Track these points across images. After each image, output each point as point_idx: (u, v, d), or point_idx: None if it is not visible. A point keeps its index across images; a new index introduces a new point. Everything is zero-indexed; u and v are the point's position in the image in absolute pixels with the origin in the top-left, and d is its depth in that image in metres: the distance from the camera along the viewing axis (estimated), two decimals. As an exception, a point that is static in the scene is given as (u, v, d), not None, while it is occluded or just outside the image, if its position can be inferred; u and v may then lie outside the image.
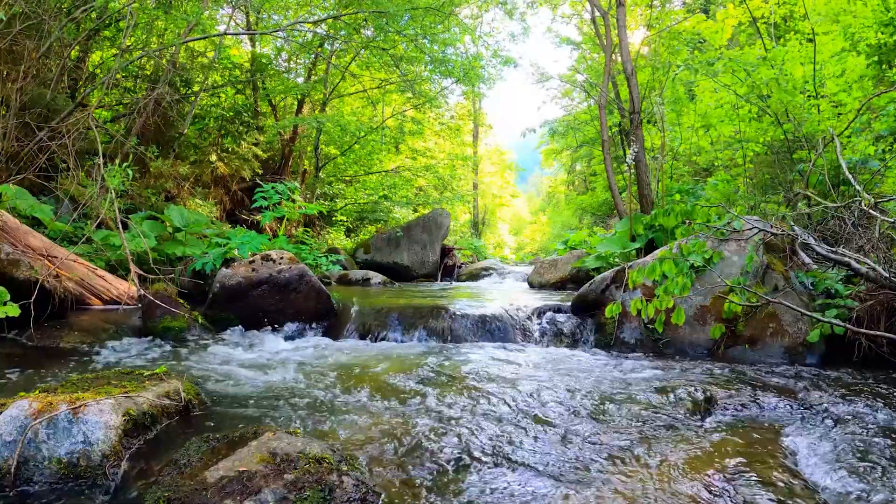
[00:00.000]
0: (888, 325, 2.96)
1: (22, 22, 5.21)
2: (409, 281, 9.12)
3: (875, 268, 2.96)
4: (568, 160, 23.73)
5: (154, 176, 7.20)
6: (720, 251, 3.54)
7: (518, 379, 2.61)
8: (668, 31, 10.56)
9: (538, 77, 15.29)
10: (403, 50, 9.64)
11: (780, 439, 1.87)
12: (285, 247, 5.42)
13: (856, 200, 3.36)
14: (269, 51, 10.85)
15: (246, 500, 1.30)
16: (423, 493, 1.46)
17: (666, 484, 1.51)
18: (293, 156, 11.05)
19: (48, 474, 1.50)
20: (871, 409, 2.14)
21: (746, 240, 3.57)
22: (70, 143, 4.94)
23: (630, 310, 3.31)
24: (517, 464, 1.65)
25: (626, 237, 5.89)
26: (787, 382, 2.59)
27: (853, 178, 3.58)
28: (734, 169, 7.76)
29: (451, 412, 2.11)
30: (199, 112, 9.21)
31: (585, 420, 2.03)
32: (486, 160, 27.10)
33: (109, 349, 3.18)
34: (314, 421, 1.99)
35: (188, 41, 7.40)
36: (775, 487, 1.50)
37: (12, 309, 2.84)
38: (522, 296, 5.81)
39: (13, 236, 3.59)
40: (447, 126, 15.65)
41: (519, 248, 31.66)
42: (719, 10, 11.47)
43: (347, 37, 9.45)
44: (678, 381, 2.56)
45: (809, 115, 5.88)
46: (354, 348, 3.54)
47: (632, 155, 6.29)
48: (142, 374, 2.10)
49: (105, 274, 4.18)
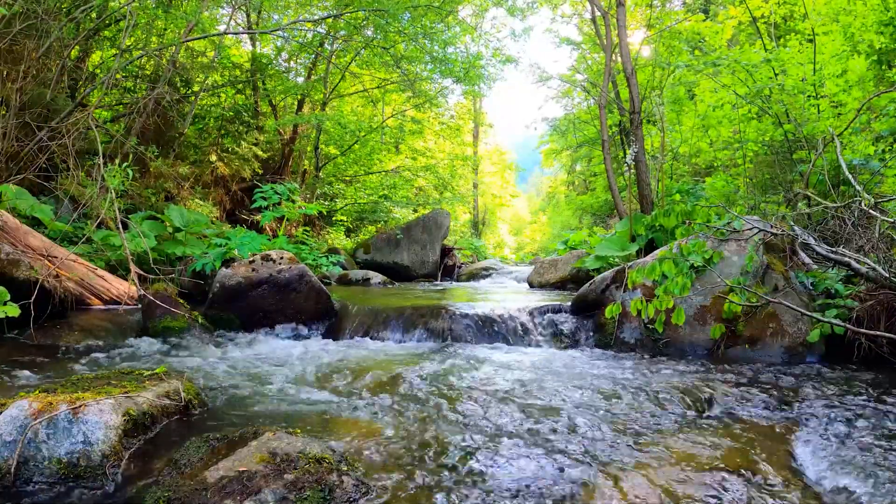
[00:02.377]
0: (888, 325, 2.96)
1: (22, 22, 5.21)
2: (409, 281, 9.12)
3: (875, 268, 2.96)
4: (568, 160, 23.74)
5: (154, 176, 7.20)
6: (720, 251, 3.54)
7: (518, 379, 2.61)
8: (668, 31, 10.56)
9: (538, 77, 15.32)
10: (403, 49, 9.64)
11: (779, 439, 1.87)
12: (285, 247, 5.42)
13: (856, 200, 3.36)
14: (269, 50, 10.86)
15: (246, 500, 1.30)
16: (423, 492, 1.46)
17: (665, 483, 1.51)
18: (293, 156, 11.05)
19: (48, 474, 1.50)
20: (872, 409, 2.14)
21: (746, 240, 3.57)
22: (70, 143, 4.94)
23: (630, 310, 3.32)
24: (517, 463, 1.65)
25: (626, 237, 5.89)
26: (787, 382, 2.59)
27: (853, 178, 3.58)
28: (734, 169, 7.76)
29: (450, 412, 2.11)
30: (199, 112, 9.21)
31: (585, 420, 2.03)
32: (486, 160, 27.10)
33: (109, 349, 3.18)
34: (314, 421, 1.99)
35: (188, 41, 7.41)
36: (775, 487, 1.50)
37: (12, 309, 2.84)
38: (522, 296, 5.81)
39: (13, 236, 3.59)
40: (447, 126, 15.65)
41: (519, 248, 31.67)
42: (719, 10, 11.48)
43: (347, 36, 9.45)
44: (678, 380, 2.56)
45: (809, 115, 5.88)
46: (354, 348, 3.54)
47: (632, 155, 6.29)
48: (142, 374, 2.10)
49: (105, 274, 4.18)
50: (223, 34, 8.51)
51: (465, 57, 10.38)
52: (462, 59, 10.01)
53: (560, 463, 1.66)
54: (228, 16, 9.95)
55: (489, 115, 30.68)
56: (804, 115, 5.90)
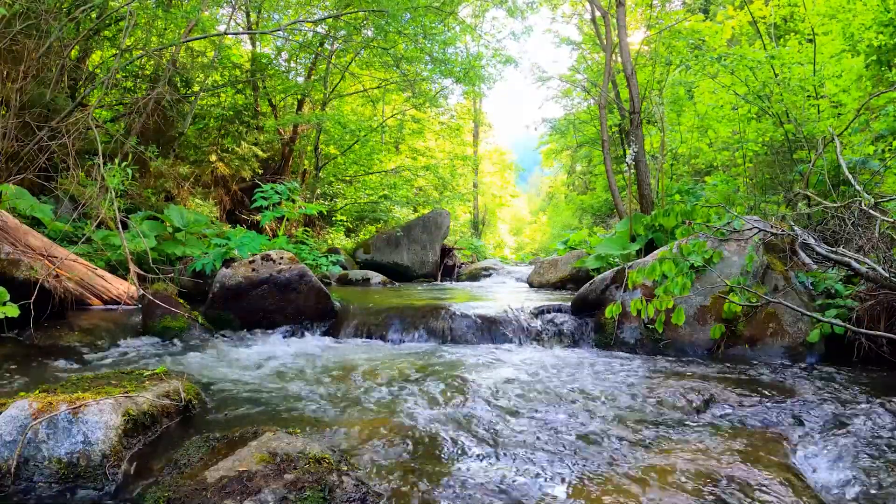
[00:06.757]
0: (888, 324, 2.96)
1: (22, 21, 5.21)
2: (408, 281, 9.12)
3: (875, 268, 2.95)
4: (568, 160, 23.76)
5: (154, 176, 7.21)
6: (720, 251, 3.54)
7: (517, 379, 2.61)
8: (669, 30, 10.56)
9: (538, 77, 15.32)
10: (403, 49, 9.65)
11: (779, 439, 1.87)
12: (285, 247, 5.41)
13: (856, 200, 3.36)
14: (270, 50, 10.86)
15: (246, 500, 1.30)
16: (423, 492, 1.46)
17: (665, 483, 1.51)
18: (293, 156, 11.05)
19: (48, 474, 1.50)
20: (872, 409, 2.14)
21: (746, 240, 3.57)
22: (70, 142, 4.94)
23: (630, 310, 3.32)
24: (517, 463, 1.65)
25: (625, 237, 5.89)
26: (786, 382, 2.59)
27: (853, 178, 3.58)
28: (734, 169, 7.76)
29: (451, 412, 2.11)
30: (199, 112, 9.21)
31: (585, 420, 2.03)
32: (486, 160, 27.10)
33: (109, 349, 3.18)
34: (314, 421, 1.99)
35: (188, 41, 7.40)
36: (775, 487, 1.50)
37: (12, 309, 2.84)
38: (522, 296, 5.81)
39: (13, 236, 3.58)
40: (447, 126, 15.66)
41: (519, 248, 31.67)
42: (719, 10, 11.48)
43: (347, 36, 9.46)
44: (678, 380, 2.56)
45: (809, 115, 5.89)
46: (354, 348, 3.54)
47: (632, 155, 6.29)
48: (142, 374, 2.10)
49: (105, 274, 4.18)
50: (223, 34, 8.51)
51: (465, 57, 10.39)
52: (462, 60, 10.02)
53: (559, 463, 1.66)
54: (228, 16, 9.95)
55: (489, 115, 30.68)
56: (804, 115, 5.90)
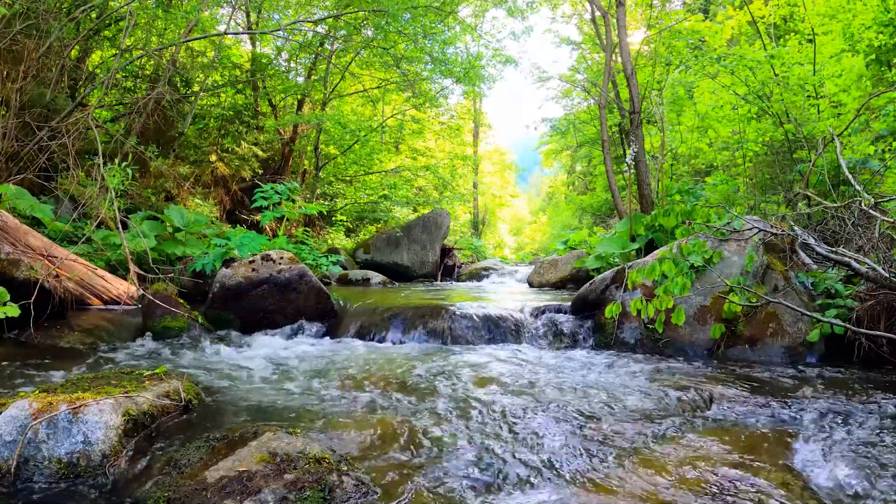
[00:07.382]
0: (888, 324, 2.96)
1: (22, 21, 5.21)
2: (408, 281, 9.11)
3: (875, 268, 2.95)
4: (568, 160, 23.76)
5: (154, 176, 7.21)
6: (720, 251, 3.54)
7: (517, 379, 2.61)
8: (668, 30, 10.56)
9: (538, 77, 15.31)
10: (403, 49, 9.65)
11: (779, 439, 1.87)
12: (285, 247, 5.41)
13: (856, 200, 3.36)
14: (270, 50, 10.85)
15: (246, 500, 1.30)
16: (423, 492, 1.46)
17: (664, 483, 1.51)
18: (293, 156, 11.05)
19: (48, 474, 1.50)
20: (871, 409, 2.14)
21: (746, 240, 3.57)
22: (70, 142, 4.94)
23: (630, 310, 3.31)
24: (517, 464, 1.65)
25: (625, 237, 5.89)
26: (786, 382, 2.59)
27: (853, 178, 3.58)
28: (734, 169, 7.76)
29: (450, 412, 2.11)
30: (199, 112, 9.21)
31: (584, 420, 2.03)
32: (486, 160, 27.09)
33: (109, 349, 3.18)
34: (314, 421, 1.99)
35: (188, 41, 7.40)
36: (775, 487, 1.50)
37: (12, 309, 2.84)
38: (522, 296, 5.81)
39: (13, 236, 3.58)
40: (447, 126, 15.65)
41: (519, 248, 31.65)
42: (719, 10, 11.48)
43: (347, 36, 9.46)
44: (678, 380, 2.56)
45: (809, 115, 5.89)
46: (354, 348, 3.54)
47: (632, 155, 6.28)
48: (142, 374, 2.10)
49: (105, 274, 4.18)
50: (223, 34, 8.50)
51: (465, 57, 10.39)
52: (462, 60, 10.02)
53: (559, 463, 1.66)
54: (228, 16, 9.95)
55: (489, 115, 30.68)
56: (804, 115, 5.90)
